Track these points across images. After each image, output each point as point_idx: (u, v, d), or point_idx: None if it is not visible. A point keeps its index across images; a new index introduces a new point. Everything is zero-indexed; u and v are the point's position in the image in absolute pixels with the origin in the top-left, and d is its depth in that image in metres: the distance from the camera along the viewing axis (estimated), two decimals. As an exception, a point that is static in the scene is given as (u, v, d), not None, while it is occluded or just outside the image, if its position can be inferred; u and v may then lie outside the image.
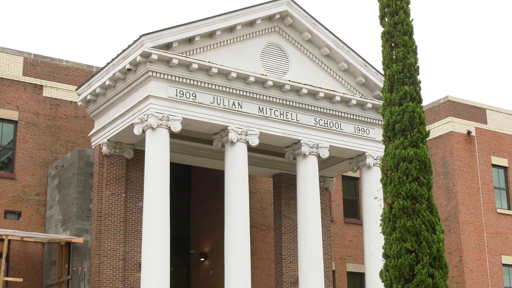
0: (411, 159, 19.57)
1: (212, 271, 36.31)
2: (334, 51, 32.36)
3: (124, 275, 30.56)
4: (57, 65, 36.01)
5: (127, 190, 31.48)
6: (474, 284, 38.05)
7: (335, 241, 39.55)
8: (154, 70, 28.68)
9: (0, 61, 34.55)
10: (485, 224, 39.53)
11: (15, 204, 33.39)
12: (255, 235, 36.03)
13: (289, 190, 35.30)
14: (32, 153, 34.35)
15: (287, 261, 34.54)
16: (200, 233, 38.11)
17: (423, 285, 18.61)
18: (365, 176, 33.32)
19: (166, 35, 28.82)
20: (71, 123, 35.56)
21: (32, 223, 33.53)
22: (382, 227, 19.70)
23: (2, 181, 33.37)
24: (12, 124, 34.41)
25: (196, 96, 29.52)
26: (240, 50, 30.84)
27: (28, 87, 35.00)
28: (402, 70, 20.53)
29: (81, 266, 31.08)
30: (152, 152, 28.65)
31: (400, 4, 21.10)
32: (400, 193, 19.39)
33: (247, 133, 30.16)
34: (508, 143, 41.81)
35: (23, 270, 32.81)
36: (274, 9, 31.23)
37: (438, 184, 39.55)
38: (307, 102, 31.59)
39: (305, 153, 31.43)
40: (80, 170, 32.07)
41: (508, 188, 41.36)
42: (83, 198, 31.84)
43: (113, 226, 30.84)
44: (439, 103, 41.07)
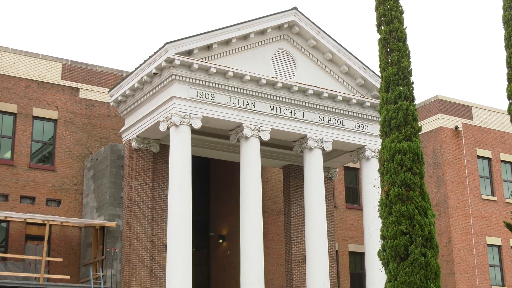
0: (405, 151, 19.52)
1: (229, 251, 36.35)
2: (336, 56, 32.30)
3: (151, 255, 30.63)
4: (92, 70, 36.09)
5: (154, 180, 31.54)
6: (462, 262, 37.97)
7: (338, 224, 39.50)
8: (177, 74, 28.71)
9: (42, 67, 34.67)
10: (471, 208, 39.43)
11: (55, 193, 33.52)
12: (267, 219, 36.04)
13: (297, 179, 35.29)
14: (70, 148, 34.45)
15: (295, 242, 34.54)
16: (218, 217, 38.15)
17: (416, 263, 18.56)
18: (364, 167, 33.27)
19: (188, 43, 28.83)
20: (104, 121, 35.65)
21: (71, 209, 33.65)
22: (379, 212, 19.67)
23: (44, 173, 33.51)
24: (52, 123, 34.53)
25: (214, 96, 29.52)
26: (253, 55, 30.83)
27: (66, 89, 35.09)
28: (397, 72, 20.48)
29: (114, 247, 31.16)
30: (176, 147, 28.69)
31: (395, 14, 21.06)
32: (395, 182, 19.35)
33: (260, 129, 30.15)
34: (492, 137, 41.68)
35: (62, 251, 32.95)
36: (283, 19, 31.20)
37: (429, 173, 39.47)
38: (312, 101, 31.56)
39: (311, 146, 31.41)
40: (112, 163, 32.15)
41: (491, 177, 41.23)
42: (115, 187, 31.92)
43: (142, 212, 30.91)
44: (430, 102, 40.95)
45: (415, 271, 18.53)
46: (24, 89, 34.00)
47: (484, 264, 38.81)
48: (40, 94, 34.33)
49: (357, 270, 39.87)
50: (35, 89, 34.26)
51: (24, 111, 33.78)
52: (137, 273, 30.09)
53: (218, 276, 37.08)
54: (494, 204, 40.49)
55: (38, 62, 34.66)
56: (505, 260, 39.85)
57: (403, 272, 18.61)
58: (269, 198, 37.07)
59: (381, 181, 19.90)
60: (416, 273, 18.51)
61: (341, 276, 38.99)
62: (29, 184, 32.98)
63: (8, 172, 32.67)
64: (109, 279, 30.75)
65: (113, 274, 30.78)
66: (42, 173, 33.41)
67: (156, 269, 30.49)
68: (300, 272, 33.92)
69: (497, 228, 39.63)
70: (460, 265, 37.85)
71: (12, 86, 33.74)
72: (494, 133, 41.75)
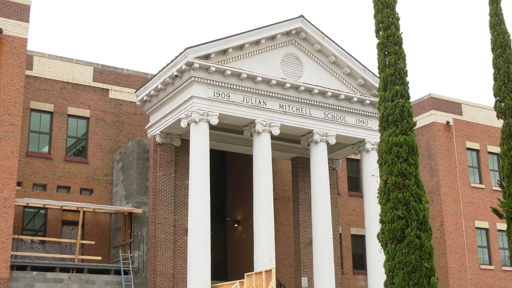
0: (402, 144, 19.48)
1: (244, 234, 36.40)
2: (339, 59, 32.23)
3: (174, 238, 30.72)
4: (120, 73, 36.16)
5: (176, 171, 31.61)
6: (453, 244, 37.89)
7: (341, 210, 39.48)
8: (196, 76, 28.74)
9: (75, 70, 34.78)
10: (461, 195, 39.30)
11: (88, 183, 33.66)
12: (277, 206, 36.04)
13: (304, 170, 35.27)
14: (101, 142, 34.56)
15: (303, 226, 34.55)
16: (234, 204, 38.20)
17: (412, 244, 18.55)
18: (364, 158, 33.21)
19: (205, 48, 28.85)
20: (131, 118, 35.73)
21: (102, 198, 33.77)
22: (378, 199, 19.65)
23: (78, 165, 33.65)
24: (85, 120, 34.64)
25: (230, 96, 29.53)
26: (264, 59, 30.81)
27: (97, 90, 35.20)
28: (393, 73, 20.43)
29: (141, 231, 31.26)
30: (195, 141, 28.74)
31: (392, 21, 20.99)
32: (393, 172, 19.32)
33: (271, 125, 30.14)
34: (479, 131, 41.51)
35: (95, 235, 33.10)
36: (291, 26, 31.15)
37: (423, 164, 39.37)
38: (318, 99, 31.51)
39: (316, 140, 31.38)
40: (139, 156, 32.23)
41: (479, 166, 41.07)
42: (141, 178, 32.01)
43: (165, 199, 30.98)
44: (423, 99, 40.80)
45: (410, 252, 18.51)
46: (59, 91, 34.13)
47: (473, 245, 38.71)
48: (74, 95, 34.46)
49: (359, 251, 39.85)
50: (69, 90, 34.38)
51: (60, 110, 33.91)
52: (161, 254, 30.19)
53: (234, 257, 37.16)
54: (482, 191, 40.35)
55: (72, 66, 34.77)
56: (492, 242, 39.73)
57: (400, 253, 18.60)
58: (279, 186, 37.09)
59: (380, 171, 19.89)
60: (411, 253, 18.50)
61: (344, 256, 38.98)
62: (65, 175, 33.13)
63: (46, 164, 32.84)
64: (136, 259, 30.88)
65: (140, 255, 30.90)
66: (76, 165, 33.56)
67: (179, 251, 30.59)
68: (307, 253, 33.95)
69: (485, 213, 39.50)
70: (452, 246, 37.77)
71: (49, 88, 33.88)
72: (482, 128, 41.56)
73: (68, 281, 28.32)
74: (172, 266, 30.20)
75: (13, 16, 28.48)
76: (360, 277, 39.05)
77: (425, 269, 18.47)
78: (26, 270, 27.85)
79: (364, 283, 37.79)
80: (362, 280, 38.66)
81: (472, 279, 37.92)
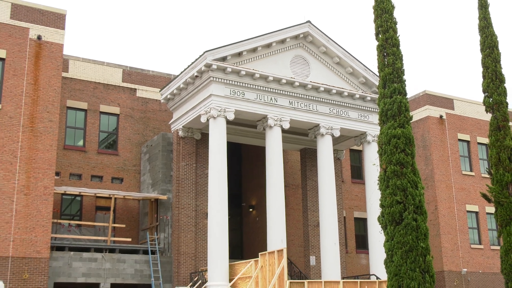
0: (399, 136, 19.40)
1: (258, 218, 36.44)
2: (342, 60, 32.10)
3: (195, 222, 30.81)
4: (146, 74, 36.22)
5: (197, 162, 31.66)
6: (446, 226, 37.73)
7: (345, 195, 39.41)
8: (214, 76, 28.73)
9: (106, 72, 34.87)
10: (454, 182, 39.10)
11: (119, 173, 33.80)
12: (288, 192, 36.05)
13: (311, 159, 35.22)
14: (130, 136, 34.68)
15: (311, 210, 34.53)
16: (248, 191, 38.24)
17: (409, 226, 18.49)
18: (366, 149, 33.11)
19: (222, 51, 28.82)
20: (157, 115, 35.81)
21: (131, 186, 33.91)
22: (379, 185, 19.59)
23: (109, 157, 33.79)
24: (115, 117, 34.75)
25: (244, 94, 29.51)
26: (275, 60, 30.73)
27: (126, 90, 35.29)
28: (392, 72, 20.32)
29: (166, 215, 31.37)
30: (214, 135, 28.75)
31: (390, 25, 20.88)
32: (391, 161, 19.25)
33: (281, 120, 30.10)
34: (470, 124, 41.23)
35: (125, 219, 33.26)
36: (299, 30, 31.04)
37: (419, 154, 39.19)
38: (323, 96, 31.42)
39: (323, 133, 31.30)
40: (163, 148, 32.31)
41: (470, 156, 40.82)
42: (166, 168, 32.10)
43: (187, 187, 31.05)
44: (419, 95, 40.57)
45: (408, 233, 18.46)
46: (92, 90, 34.25)
47: (464, 227, 38.53)
48: (105, 94, 34.57)
49: (361, 233, 39.78)
50: (101, 90, 34.49)
51: (92, 107, 34.05)
52: (184, 236, 30.29)
53: (249, 238, 37.22)
54: (472, 178, 40.12)
55: (103, 68, 34.87)
56: (481, 224, 39.53)
57: (398, 234, 18.55)
58: (289, 175, 37.07)
59: (380, 160, 19.82)
60: (409, 234, 18.44)
61: (348, 237, 38.95)
62: (98, 166, 33.28)
63: (81, 156, 33.00)
64: (162, 241, 31.00)
65: (165, 237, 31.01)
66: (107, 157, 33.71)
67: (200, 233, 30.66)
68: (315, 234, 33.94)
69: (475, 197, 39.29)
70: (445, 228, 37.62)
71: (83, 88, 34.01)
72: (472, 121, 41.28)
73: (101, 260, 28.50)
74: (194, 246, 30.29)
75: (50, 24, 28.59)
76: (362, 255, 39.01)
77: (421, 248, 18.41)
78: (64, 251, 28.06)
79: (366, 261, 37.74)
80: (364, 258, 38.61)
81: (464, 257, 37.77)
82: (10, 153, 26.45)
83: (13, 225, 25.81)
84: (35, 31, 28.12)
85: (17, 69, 27.38)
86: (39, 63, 27.88)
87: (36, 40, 28.06)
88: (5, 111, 26.76)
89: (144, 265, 29.36)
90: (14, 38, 27.67)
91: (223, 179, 28.22)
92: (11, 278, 25.19)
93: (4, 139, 26.48)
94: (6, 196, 25.99)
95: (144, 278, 29.23)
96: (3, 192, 25.96)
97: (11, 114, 26.85)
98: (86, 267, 28.02)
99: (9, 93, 27.00)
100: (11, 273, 25.25)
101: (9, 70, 27.24)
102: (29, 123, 27.08)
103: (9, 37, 27.56)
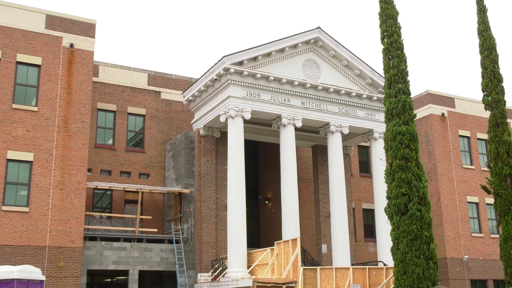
0: (404, 133, 19.33)
1: (273, 209, 36.45)
2: (350, 62, 31.97)
3: (216, 213, 30.88)
4: (169, 78, 36.34)
5: (217, 158, 31.72)
6: (448, 216, 37.47)
7: (354, 188, 39.29)
8: (232, 79, 28.75)
9: (133, 76, 35.02)
10: (455, 175, 38.81)
11: (145, 169, 33.95)
12: (300, 186, 36.02)
13: (322, 155, 35.14)
14: (155, 135, 34.82)
15: (322, 202, 34.47)
16: (265, 184, 38.26)
17: (414, 216, 18.42)
18: (373, 145, 32.97)
19: (239, 56, 28.84)
20: (179, 115, 35.91)
21: (156, 180, 34.04)
22: (385, 179, 19.54)
23: (137, 154, 33.95)
24: (142, 117, 34.89)
25: (260, 95, 29.50)
26: (287, 64, 30.68)
27: (151, 93, 35.43)
28: (396, 73, 20.26)
29: (188, 207, 31.47)
30: (232, 133, 28.79)
31: (394, 29, 20.82)
32: (397, 156, 19.19)
33: (294, 119, 30.06)
34: (470, 121, 40.87)
35: (151, 211, 33.40)
36: (310, 36, 30.96)
37: (422, 149, 38.94)
38: (333, 97, 31.33)
39: (332, 131, 31.22)
40: (186, 146, 32.41)
41: (470, 151, 40.46)
42: (188, 164, 32.19)
43: (208, 181, 31.12)
44: (422, 95, 40.29)
45: (413, 223, 18.39)
46: (121, 93, 34.43)
47: (465, 216, 38.23)
48: (132, 97, 34.74)
49: (369, 222, 39.64)
50: (128, 93, 34.67)
51: (121, 109, 34.23)
52: (206, 226, 30.37)
53: (265, 228, 37.24)
54: (472, 172, 39.78)
55: (130, 73, 35.03)
56: (481, 214, 39.20)
57: (404, 224, 18.49)
58: (302, 169, 37.03)
59: (386, 155, 19.77)
60: (413, 224, 18.38)
61: (357, 227, 38.83)
62: (126, 163, 33.45)
63: (111, 154, 33.20)
64: (185, 231, 31.12)
65: (188, 227, 31.13)
66: (135, 154, 33.87)
67: (220, 223, 30.73)
68: (326, 224, 33.87)
69: (475, 189, 38.97)
70: (447, 218, 37.36)
71: (112, 91, 34.19)
72: (472, 118, 40.92)
73: (130, 249, 28.68)
74: (214, 236, 30.36)
75: (81, 33, 28.78)
76: (370, 244, 38.86)
77: (425, 237, 18.34)
78: (96, 240, 28.27)
79: (374, 249, 37.61)
80: (372, 246, 38.47)
81: (465, 245, 37.49)
82: (46, 151, 26.70)
83: (50, 217, 26.07)
84: (67, 39, 28.33)
85: (52, 75, 27.61)
86: (71, 69, 28.09)
87: (69, 48, 28.27)
88: (41, 113, 27.01)
89: (169, 254, 29.49)
90: (49, 46, 27.90)
91: (241, 174, 28.24)
92: (48, 266, 25.45)
93: (40, 139, 26.73)
94: (43, 191, 26.24)
95: (169, 266, 29.37)
96: (40, 187, 26.22)
97: (47, 116, 27.09)
98: (116, 256, 28.20)
99: (44, 97, 27.24)
100: (48, 261, 25.51)
101: (45, 75, 27.48)
102: (63, 124, 27.31)
103: (44, 46, 27.80)
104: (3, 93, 26.48)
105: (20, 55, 27.21)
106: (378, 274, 25.42)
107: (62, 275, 25.67)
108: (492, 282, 37.68)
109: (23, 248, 25.24)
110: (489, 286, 37.58)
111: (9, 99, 26.53)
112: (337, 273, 25.21)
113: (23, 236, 25.36)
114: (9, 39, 27.18)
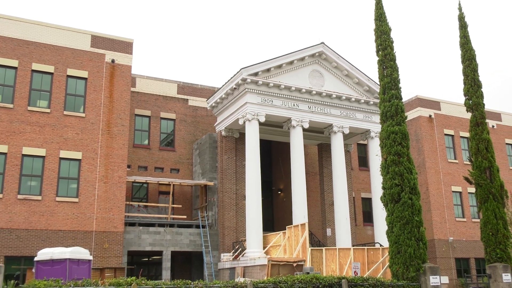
0: (397, 132, 19.23)
1: (285, 199, 36.45)
2: (350, 72, 31.84)
3: (236, 202, 30.93)
4: (195, 87, 36.44)
5: (236, 155, 31.78)
6: (435, 203, 37.17)
7: (354, 180, 39.13)
8: (249, 88, 28.78)
9: (164, 87, 35.19)
10: (441, 168, 38.47)
11: (176, 165, 34.10)
12: (308, 178, 35.96)
13: (327, 152, 35.04)
14: (184, 136, 34.95)
15: (327, 192, 34.37)
16: (277, 177, 38.26)
17: (406, 204, 18.32)
18: (370, 143, 32.81)
19: (254, 68, 28.85)
20: (204, 119, 36.01)
21: (185, 175, 34.19)
22: (381, 172, 19.45)
23: (168, 153, 34.10)
24: (172, 121, 35.05)
25: (273, 101, 29.50)
26: (296, 74, 30.65)
27: (180, 100, 35.57)
28: (390, 81, 20.15)
29: (213, 198, 31.57)
30: (249, 134, 28.82)
31: (388, 43, 20.72)
32: (390, 152, 19.09)
33: (302, 121, 30.01)
34: (454, 121, 40.49)
35: (181, 200, 33.55)
36: (315, 50, 30.89)
37: (413, 146, 38.65)
38: (335, 102, 31.22)
39: (335, 131, 31.12)
40: (210, 145, 32.50)
41: (454, 147, 40.07)
42: (212, 160, 32.28)
43: (229, 175, 31.19)
44: (412, 99, 39.98)
45: (405, 209, 18.29)
46: (154, 101, 34.61)
47: (450, 204, 37.90)
48: (164, 104, 34.90)
49: (367, 209, 39.45)
50: (161, 101, 34.85)
51: (155, 114, 34.41)
52: (227, 213, 30.45)
53: (278, 215, 37.25)
54: (456, 165, 39.41)
55: (162, 83, 35.21)
56: (464, 201, 38.83)
57: (397, 210, 18.40)
58: (309, 164, 36.98)
59: (381, 152, 19.67)
60: (405, 210, 18.28)
61: (357, 213, 38.67)
62: (159, 160, 33.64)
63: (146, 152, 33.41)
64: (210, 217, 31.21)
65: (212, 215, 31.23)
66: (167, 153, 34.04)
67: (239, 211, 30.80)
68: (330, 211, 33.79)
69: (459, 180, 38.62)
70: (434, 205, 37.06)
71: (147, 99, 34.40)
72: (455, 119, 40.53)
73: (163, 233, 28.84)
74: (235, 222, 30.44)
75: (121, 50, 28.99)
76: (368, 228, 38.69)
77: (415, 221, 18.23)
78: (135, 226, 28.47)
79: (371, 232, 37.46)
80: (370, 230, 38.30)
81: (450, 229, 37.17)
82: (92, 151, 26.95)
83: (96, 206, 26.31)
84: (109, 56, 28.55)
85: (96, 86, 27.85)
86: (113, 81, 28.32)
87: (111, 63, 28.49)
88: (88, 119, 27.27)
89: (196, 237, 29.61)
90: (94, 62, 28.14)
91: (257, 168, 28.28)
92: (95, 248, 25.70)
93: (87, 140, 27.00)
94: (90, 184, 26.49)
95: (197, 247, 29.50)
96: (87, 181, 26.47)
97: (93, 120, 27.35)
98: (152, 238, 28.39)
99: (90, 105, 27.49)
100: (95, 244, 25.76)
101: (90, 87, 27.73)
102: (106, 128, 27.54)
103: (90, 61, 28.05)
104: (56, 102, 26.79)
105: (70, 69, 27.48)
106: (375, 254, 25.33)
107: (106, 255, 25.91)
108: (474, 260, 37.35)
109: (74, 233, 25.51)
110: (471, 263, 37.25)
111: (61, 107, 26.83)
112: (340, 253, 25.16)
113: (74, 222, 25.64)
114: (60, 56, 27.47)
